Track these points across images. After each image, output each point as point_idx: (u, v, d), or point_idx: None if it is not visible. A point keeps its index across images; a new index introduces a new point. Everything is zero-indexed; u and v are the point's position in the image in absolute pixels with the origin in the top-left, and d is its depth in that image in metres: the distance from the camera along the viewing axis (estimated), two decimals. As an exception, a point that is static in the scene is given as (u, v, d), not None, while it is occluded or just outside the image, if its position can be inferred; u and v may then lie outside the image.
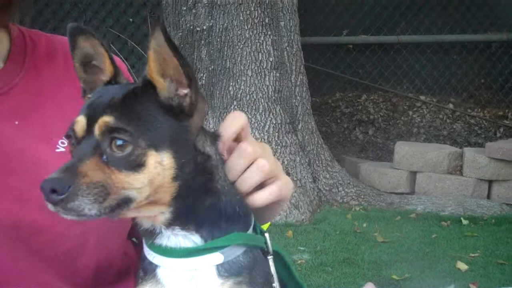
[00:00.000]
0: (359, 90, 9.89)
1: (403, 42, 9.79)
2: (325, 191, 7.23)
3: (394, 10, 9.85)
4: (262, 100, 7.01)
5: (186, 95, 1.26)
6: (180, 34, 7.36)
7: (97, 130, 1.22)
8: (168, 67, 1.23)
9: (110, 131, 1.21)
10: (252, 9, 7.08)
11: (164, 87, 1.26)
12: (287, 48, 7.35)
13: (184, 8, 7.29)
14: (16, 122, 1.68)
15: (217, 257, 1.32)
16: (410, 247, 5.71)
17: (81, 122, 1.27)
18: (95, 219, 1.23)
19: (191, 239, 1.32)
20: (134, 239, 1.94)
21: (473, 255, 5.47)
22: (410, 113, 9.87)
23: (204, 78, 7.19)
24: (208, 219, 1.32)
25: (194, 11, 7.24)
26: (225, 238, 1.32)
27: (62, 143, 1.70)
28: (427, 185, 7.76)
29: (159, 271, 1.35)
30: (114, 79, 1.38)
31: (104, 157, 1.21)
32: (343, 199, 7.22)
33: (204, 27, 7.19)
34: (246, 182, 1.40)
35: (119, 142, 1.20)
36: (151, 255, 1.36)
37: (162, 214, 1.29)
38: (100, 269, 1.72)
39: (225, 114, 6.80)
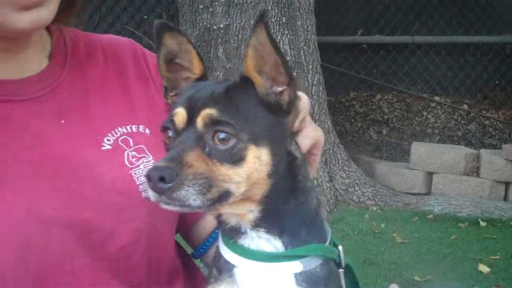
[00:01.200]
0: (373, 90, 9.86)
1: (418, 43, 9.76)
2: (341, 190, 7.20)
3: (408, 10, 9.82)
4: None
5: (282, 92, 1.27)
6: (197, 32, 7.33)
7: (200, 122, 1.23)
8: (266, 64, 1.24)
9: (213, 123, 1.22)
10: (269, 8, 7.05)
11: (261, 83, 1.26)
12: (304, 47, 7.32)
13: (201, 6, 7.26)
14: (62, 121, 1.67)
15: (297, 266, 1.32)
16: (430, 248, 5.67)
17: (181, 114, 1.27)
18: (196, 210, 1.24)
19: (273, 244, 1.32)
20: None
21: (493, 257, 5.43)
22: (425, 113, 9.84)
23: (220, 76, 7.16)
24: (291, 225, 1.32)
25: (211, 9, 7.22)
26: (306, 248, 1.32)
27: (108, 140, 1.70)
28: (443, 186, 7.73)
29: (236, 272, 1.35)
30: (204, 76, 1.39)
31: (207, 149, 1.22)
32: (359, 198, 7.19)
33: (221, 26, 7.17)
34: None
35: (221, 135, 1.21)
36: (228, 254, 1.35)
37: (251, 212, 1.29)
38: (152, 267, 1.71)
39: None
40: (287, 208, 1.31)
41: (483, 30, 9.96)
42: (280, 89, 1.27)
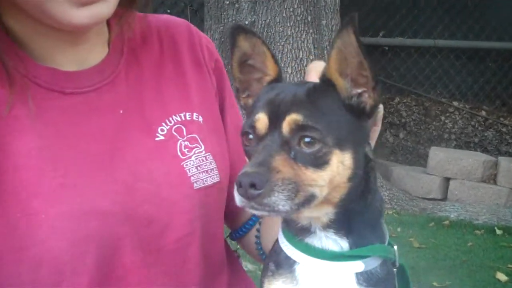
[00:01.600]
0: (392, 93, 9.84)
1: (439, 46, 9.73)
2: (358, 192, 7.21)
3: (431, 13, 9.79)
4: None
5: (362, 94, 1.27)
6: (222, 28, 7.34)
7: (286, 127, 1.24)
8: (348, 66, 1.24)
9: (300, 129, 1.22)
10: (295, 6, 7.05)
11: (343, 86, 1.27)
12: (328, 47, 7.32)
13: (227, 2, 7.27)
14: (121, 111, 1.68)
15: (359, 266, 1.33)
16: (447, 254, 5.68)
17: (263, 119, 1.28)
18: (284, 216, 1.28)
19: (339, 244, 1.33)
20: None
21: (511, 266, 5.42)
22: (442, 118, 9.82)
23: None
24: (358, 225, 1.33)
25: (237, 5, 7.23)
26: (368, 248, 1.33)
27: (162, 130, 1.70)
28: (460, 192, 7.73)
29: (297, 268, 1.35)
30: (279, 78, 1.40)
31: (292, 153, 1.23)
32: (376, 201, 7.18)
33: (246, 22, 7.17)
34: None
35: (307, 140, 1.22)
36: (290, 251, 1.36)
37: (326, 214, 1.30)
38: (207, 258, 1.73)
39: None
40: (357, 209, 1.32)
41: (505, 36, 9.91)
42: (359, 91, 1.27)
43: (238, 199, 1.22)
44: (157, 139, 1.69)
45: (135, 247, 1.59)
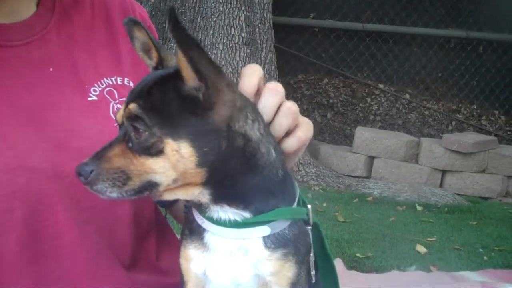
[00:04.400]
0: (321, 74, 10.01)
1: (367, 30, 9.95)
2: (286, 169, 7.32)
3: (361, -2, 10.00)
4: (231, 75, 7.02)
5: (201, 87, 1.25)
6: (153, 1, 7.27)
7: (124, 117, 1.30)
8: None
9: (132, 118, 1.27)
10: (228, -18, 7.06)
11: (189, 76, 1.24)
12: (259, 25, 7.37)
13: (159, -25, 7.21)
14: (51, 69, 1.66)
15: (264, 230, 1.35)
16: (370, 228, 5.87)
17: (121, 109, 1.33)
18: (122, 199, 1.31)
19: (241, 214, 1.35)
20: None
21: (430, 239, 5.66)
22: (368, 100, 10.08)
23: (174, 47, 7.12)
24: (256, 196, 1.34)
25: (169, -21, 7.17)
26: (273, 212, 1.35)
27: (94, 91, 1.70)
28: (383, 171, 7.99)
29: (207, 235, 1.39)
30: (160, 64, 1.41)
31: (130, 143, 1.28)
32: (303, 178, 7.34)
33: (179, -4, 7.13)
34: (280, 128, 1.41)
35: (138, 130, 1.26)
36: (200, 220, 1.39)
37: (201, 194, 1.32)
38: (136, 218, 1.74)
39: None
40: (248, 184, 1.33)
41: (430, 22, 10.24)
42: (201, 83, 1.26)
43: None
44: (89, 98, 1.68)
45: (66, 205, 1.58)
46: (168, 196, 1.33)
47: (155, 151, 1.24)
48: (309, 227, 1.45)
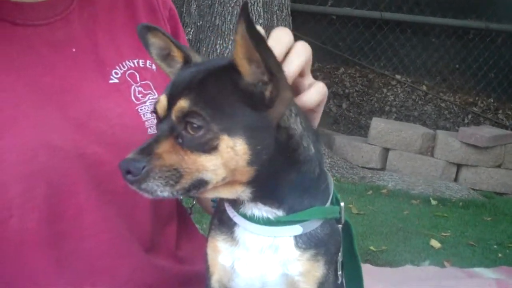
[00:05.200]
0: (337, 63, 9.94)
1: (385, 19, 9.85)
2: (300, 158, 7.30)
3: (380, -15, 9.89)
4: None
5: (267, 83, 1.23)
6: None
7: (173, 112, 1.24)
8: (255, 53, 1.18)
9: (185, 114, 1.22)
10: (246, -32, 6.98)
11: (248, 72, 1.22)
12: (277, 11, 7.30)
13: (177, -40, 7.14)
14: (74, 50, 1.66)
15: (296, 229, 1.34)
16: (384, 221, 5.83)
17: (162, 102, 1.28)
18: (171, 198, 1.27)
19: (275, 213, 1.33)
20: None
21: (444, 234, 5.62)
22: (385, 90, 10.00)
23: (191, 33, 7.09)
24: (292, 194, 1.33)
25: (187, -37, 7.11)
26: (307, 212, 1.33)
27: (116, 73, 1.70)
28: (398, 163, 7.93)
29: (237, 230, 1.37)
30: (188, 61, 1.38)
31: (179, 139, 1.23)
32: (317, 168, 7.29)
33: (196, -18, 7.07)
34: (290, 67, 1.34)
35: (193, 125, 1.21)
36: (232, 213, 1.37)
37: (243, 193, 1.30)
38: (156, 204, 1.72)
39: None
40: (286, 182, 1.31)
41: (449, 12, 10.11)
42: (267, 80, 1.23)
43: (127, 183, 1.24)
44: (111, 81, 1.67)
45: (87, 186, 1.57)
46: (211, 194, 1.30)
47: (209, 148, 1.21)
48: (340, 226, 1.43)
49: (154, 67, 1.76)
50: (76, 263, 1.59)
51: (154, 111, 1.31)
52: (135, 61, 1.73)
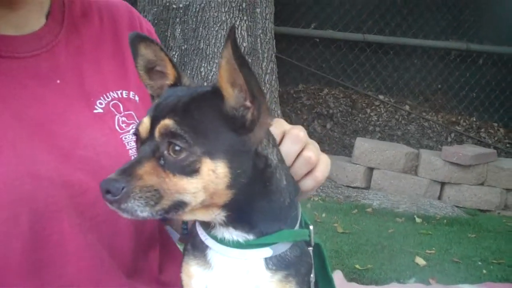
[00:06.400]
0: (321, 84, 10.03)
1: (368, 41, 9.98)
2: (286, 179, 7.32)
3: (362, 8, 10.02)
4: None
5: (249, 108, 1.27)
6: (155, 9, 7.29)
7: (157, 132, 1.26)
8: (239, 77, 1.23)
9: (168, 135, 1.24)
10: (231, -8, 7.08)
11: (232, 96, 1.26)
12: (261, 35, 7.40)
13: (162, -16, 7.22)
14: (58, 81, 1.69)
15: (266, 251, 1.37)
16: (369, 240, 5.86)
17: (145, 123, 1.30)
18: (149, 219, 1.28)
19: (245, 237, 1.36)
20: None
21: (429, 251, 5.67)
22: (368, 111, 10.09)
23: (176, 56, 7.15)
24: (263, 220, 1.36)
25: (171, -12, 7.19)
26: (276, 235, 1.36)
27: (100, 103, 1.72)
28: (382, 182, 7.99)
29: (209, 253, 1.40)
30: (178, 81, 1.41)
31: (161, 160, 1.24)
32: (302, 188, 7.33)
33: (181, 5, 7.16)
34: (298, 172, 1.46)
35: (176, 148, 1.23)
36: (204, 236, 1.40)
37: (218, 216, 1.33)
38: (137, 231, 1.75)
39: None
40: (257, 208, 1.34)
41: (431, 34, 10.27)
42: (249, 104, 1.27)
43: (107, 203, 1.25)
44: (95, 111, 1.70)
45: (70, 213, 1.59)
46: (189, 217, 1.32)
47: (191, 171, 1.22)
48: (310, 248, 1.46)
49: (137, 98, 1.80)
50: None
51: (136, 132, 1.33)
52: (119, 92, 1.77)
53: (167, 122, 1.24)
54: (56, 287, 1.60)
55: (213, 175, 1.23)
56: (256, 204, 1.33)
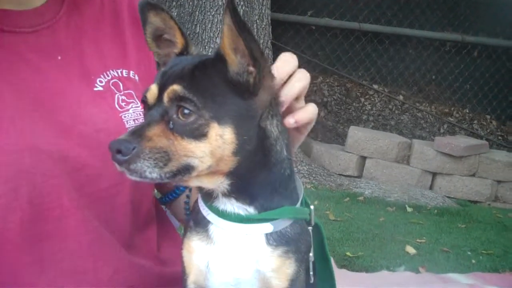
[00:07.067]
0: (316, 72, 10.00)
1: (364, 30, 9.96)
2: (279, 166, 7.35)
3: (358, -3, 10.01)
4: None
5: (252, 72, 1.29)
6: (152, -8, 7.25)
7: (166, 97, 1.28)
8: (240, 43, 1.25)
9: (177, 99, 1.26)
10: (228, -23, 7.05)
11: (234, 61, 1.29)
12: (257, 21, 7.39)
13: (159, -33, 7.19)
14: (59, 57, 1.70)
15: (267, 227, 1.39)
16: (360, 228, 5.91)
17: (153, 90, 1.32)
18: (157, 182, 1.29)
19: (246, 209, 1.38)
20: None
21: (419, 240, 5.71)
22: (362, 100, 10.10)
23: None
24: (263, 193, 1.38)
25: (169, -29, 7.16)
26: (277, 211, 1.39)
27: (100, 81, 1.74)
28: (374, 171, 8.04)
29: (211, 228, 1.42)
30: (185, 50, 1.43)
31: (171, 124, 1.27)
32: (295, 175, 7.36)
33: (178, -11, 7.13)
34: (291, 91, 1.42)
35: (185, 111, 1.25)
36: (205, 211, 1.42)
37: (222, 184, 1.35)
38: (134, 209, 1.77)
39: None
40: (258, 179, 1.36)
41: (427, 25, 10.27)
42: (252, 68, 1.29)
43: (116, 165, 1.27)
44: (95, 89, 1.72)
45: (69, 188, 1.61)
46: (194, 183, 1.34)
47: (199, 134, 1.25)
48: (310, 228, 1.48)
49: (137, 77, 1.81)
50: (60, 263, 1.62)
51: (144, 99, 1.35)
52: (119, 71, 1.78)
53: (176, 87, 1.26)
54: (56, 261, 1.61)
55: (220, 140, 1.26)
56: (257, 174, 1.35)
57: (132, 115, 1.73)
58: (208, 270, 1.43)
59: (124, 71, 1.79)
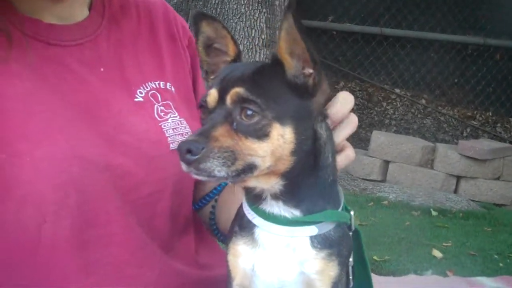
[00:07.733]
0: (338, 77, 10.05)
1: (385, 35, 9.98)
2: (303, 171, 7.37)
3: (380, 2, 10.03)
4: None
5: (310, 75, 1.34)
6: (175, 0, 7.34)
7: (229, 99, 1.32)
8: (297, 47, 1.30)
9: (241, 101, 1.30)
10: (250, -15, 7.12)
11: (291, 65, 1.33)
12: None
13: (182, -23, 7.28)
14: (102, 69, 1.75)
15: (312, 230, 1.41)
16: (386, 232, 5.91)
17: (213, 94, 1.36)
18: (223, 181, 1.36)
19: (291, 212, 1.41)
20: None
21: (445, 244, 5.71)
22: (384, 104, 10.11)
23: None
24: (309, 196, 1.41)
25: (192, -20, 7.24)
26: (321, 214, 1.41)
27: (140, 92, 1.79)
28: (398, 175, 8.03)
29: (257, 231, 1.44)
30: (238, 58, 1.47)
31: (234, 124, 1.31)
32: (319, 180, 7.37)
33: (201, -2, 7.21)
34: (341, 135, 1.49)
35: (248, 112, 1.29)
36: (251, 215, 1.45)
37: (276, 184, 1.38)
38: (173, 215, 1.81)
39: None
40: (307, 182, 1.39)
41: (448, 28, 10.25)
42: (310, 71, 1.34)
43: (182, 165, 1.30)
44: (136, 99, 1.77)
45: (114, 196, 1.66)
46: (252, 183, 1.38)
47: (262, 134, 1.29)
48: (350, 233, 1.52)
49: (173, 89, 1.86)
50: (105, 269, 1.66)
51: (203, 104, 1.39)
52: (157, 83, 1.84)
53: (239, 89, 1.31)
54: (101, 266, 1.66)
55: (281, 140, 1.30)
56: (306, 177, 1.39)
57: (171, 124, 1.79)
58: (254, 273, 1.45)
59: (161, 83, 1.85)
